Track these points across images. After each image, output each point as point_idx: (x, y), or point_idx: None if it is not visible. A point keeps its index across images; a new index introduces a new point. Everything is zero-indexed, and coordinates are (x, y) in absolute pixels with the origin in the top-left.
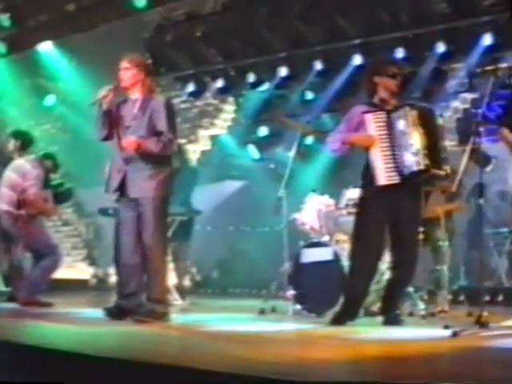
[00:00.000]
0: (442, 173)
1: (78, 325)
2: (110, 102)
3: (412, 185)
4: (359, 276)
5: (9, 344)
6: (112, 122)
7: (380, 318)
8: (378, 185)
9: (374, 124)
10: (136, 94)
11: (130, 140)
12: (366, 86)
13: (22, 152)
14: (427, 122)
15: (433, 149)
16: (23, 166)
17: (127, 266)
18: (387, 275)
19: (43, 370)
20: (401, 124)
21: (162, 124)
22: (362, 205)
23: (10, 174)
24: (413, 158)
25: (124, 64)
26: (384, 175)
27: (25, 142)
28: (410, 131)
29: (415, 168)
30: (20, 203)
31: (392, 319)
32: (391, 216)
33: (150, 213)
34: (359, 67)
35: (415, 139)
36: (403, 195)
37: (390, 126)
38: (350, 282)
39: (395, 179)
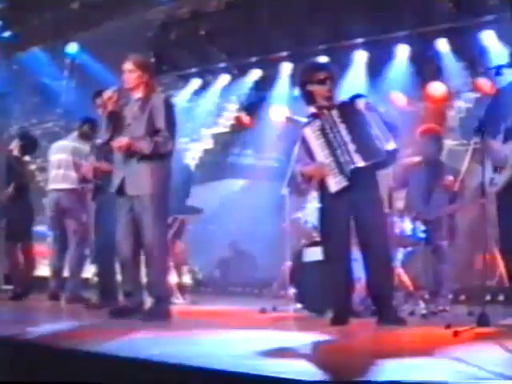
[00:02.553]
0: (380, 159)
1: (80, 322)
2: (114, 103)
3: (363, 179)
4: (336, 279)
5: (10, 343)
6: (116, 123)
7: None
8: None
9: (312, 136)
10: (138, 94)
11: (120, 141)
12: (302, 96)
13: (22, 154)
14: (350, 115)
15: (364, 138)
16: (78, 147)
17: (125, 264)
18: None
19: (44, 369)
20: (328, 127)
21: (160, 122)
22: (322, 214)
23: (65, 156)
24: (346, 156)
25: (128, 66)
26: (333, 182)
27: (27, 145)
28: (336, 131)
29: (350, 166)
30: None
31: (386, 318)
32: (352, 216)
33: (150, 211)
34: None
35: (344, 137)
36: (359, 192)
37: (323, 132)
38: (332, 284)
39: (343, 182)
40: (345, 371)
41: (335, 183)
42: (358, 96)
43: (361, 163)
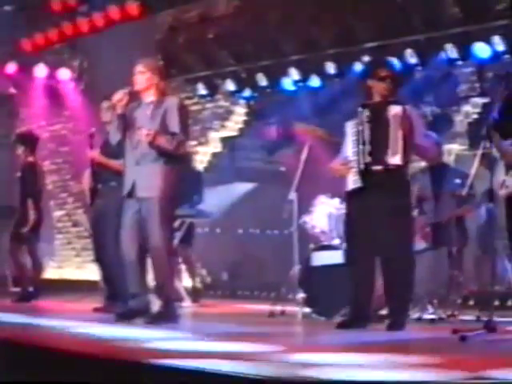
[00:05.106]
0: (378, 168)
1: (87, 326)
2: (124, 105)
3: (384, 183)
4: (357, 281)
5: (11, 344)
6: (126, 125)
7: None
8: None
9: (350, 131)
10: (150, 98)
11: (146, 130)
12: (363, 89)
13: (31, 154)
14: (378, 118)
15: (380, 143)
16: None
17: (129, 266)
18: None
19: (44, 370)
20: (359, 126)
21: (174, 125)
22: (346, 212)
23: None
24: (362, 157)
25: (139, 68)
26: (350, 180)
27: (32, 143)
28: (360, 130)
29: (359, 167)
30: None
31: (393, 324)
32: (370, 217)
33: (157, 213)
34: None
35: (365, 137)
36: (377, 196)
37: (357, 129)
38: (351, 287)
39: (358, 183)
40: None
41: (352, 182)
42: (395, 102)
43: (369, 166)
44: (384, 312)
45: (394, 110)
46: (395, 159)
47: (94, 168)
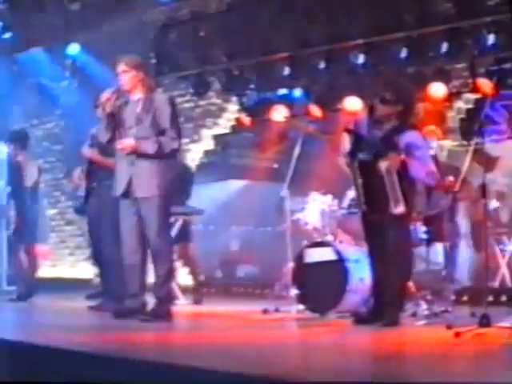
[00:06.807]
0: (376, 216)
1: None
2: (112, 104)
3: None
4: (376, 278)
5: (10, 344)
6: (115, 124)
7: None
8: None
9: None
10: (138, 95)
11: (125, 142)
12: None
13: (22, 151)
14: (369, 171)
15: (377, 193)
16: None
17: (130, 266)
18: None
19: (44, 369)
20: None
21: (165, 122)
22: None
23: None
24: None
25: (121, 67)
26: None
27: (22, 140)
28: (353, 178)
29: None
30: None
31: (387, 321)
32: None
33: (155, 212)
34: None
35: (358, 187)
36: (378, 233)
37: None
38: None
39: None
40: (345, 372)
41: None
42: (380, 155)
43: (366, 214)
44: None
45: (384, 164)
46: (399, 209)
47: (90, 167)
